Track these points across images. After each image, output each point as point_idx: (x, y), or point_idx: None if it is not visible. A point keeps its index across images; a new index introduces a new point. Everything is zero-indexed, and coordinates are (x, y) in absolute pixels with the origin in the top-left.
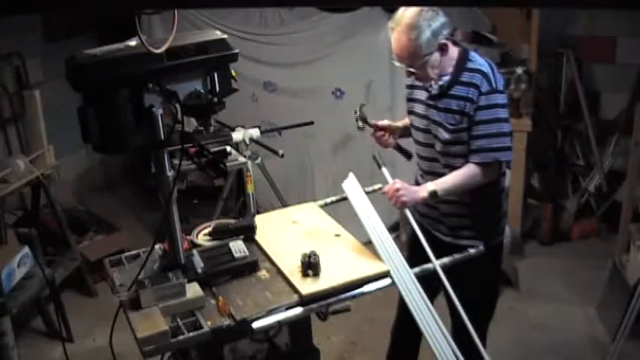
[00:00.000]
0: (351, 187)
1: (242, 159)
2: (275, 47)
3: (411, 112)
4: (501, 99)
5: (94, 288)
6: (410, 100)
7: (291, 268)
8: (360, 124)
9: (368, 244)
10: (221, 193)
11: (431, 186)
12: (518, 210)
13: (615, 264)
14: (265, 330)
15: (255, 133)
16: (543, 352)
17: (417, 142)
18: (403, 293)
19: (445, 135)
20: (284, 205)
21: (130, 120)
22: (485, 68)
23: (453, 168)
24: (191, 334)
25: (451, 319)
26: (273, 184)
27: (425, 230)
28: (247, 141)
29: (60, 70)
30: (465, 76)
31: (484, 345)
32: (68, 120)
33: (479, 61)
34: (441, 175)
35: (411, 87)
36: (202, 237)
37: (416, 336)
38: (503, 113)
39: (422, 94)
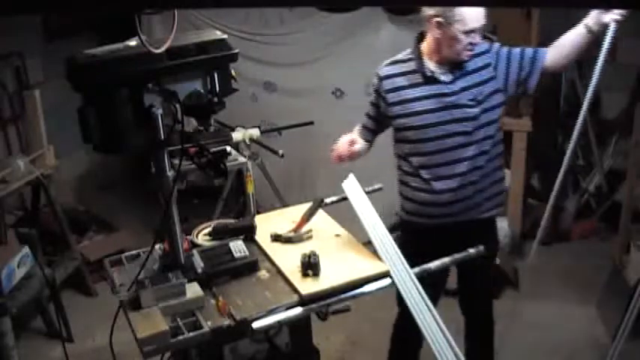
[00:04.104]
0: (351, 187)
1: (242, 159)
2: (275, 47)
3: (408, 114)
4: None
5: (94, 288)
6: (397, 103)
7: (291, 268)
8: None
9: (368, 244)
10: (221, 193)
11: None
12: (518, 210)
13: (615, 264)
14: (265, 330)
15: (255, 133)
16: (543, 352)
17: (429, 139)
18: (403, 293)
19: (474, 110)
20: (284, 205)
21: (130, 120)
22: None
23: (484, 142)
24: (191, 334)
25: (467, 306)
26: (273, 184)
27: (446, 225)
28: (247, 141)
29: (60, 70)
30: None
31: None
32: (68, 120)
33: None
34: (466, 160)
35: (397, 89)
36: (202, 237)
37: (418, 335)
38: None
39: (424, 90)
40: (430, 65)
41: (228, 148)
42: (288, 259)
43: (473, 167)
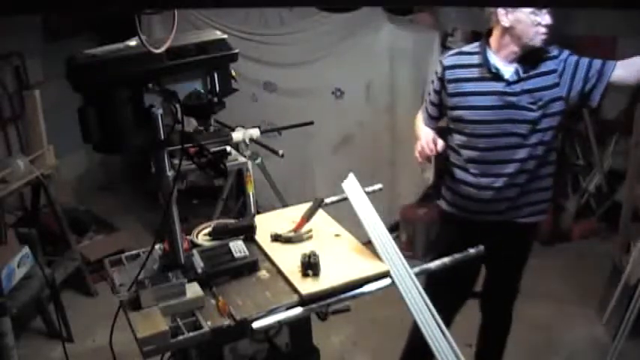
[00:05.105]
0: (351, 187)
1: (242, 159)
2: (275, 47)
3: (466, 107)
4: None
5: (94, 288)
6: (457, 94)
7: (291, 268)
8: None
9: (368, 244)
10: (221, 193)
11: None
12: None
13: (615, 264)
14: (265, 330)
15: (255, 133)
16: (543, 352)
17: (483, 136)
18: (403, 293)
19: (533, 114)
20: (284, 205)
21: (130, 120)
22: None
23: (537, 147)
24: (191, 334)
25: (488, 306)
26: (273, 184)
27: (485, 222)
28: (247, 141)
29: (60, 70)
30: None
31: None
32: (68, 120)
33: None
34: (516, 162)
35: (458, 81)
36: (202, 237)
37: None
38: None
39: (485, 86)
40: (496, 61)
41: (228, 148)
42: (288, 259)
43: (521, 170)
